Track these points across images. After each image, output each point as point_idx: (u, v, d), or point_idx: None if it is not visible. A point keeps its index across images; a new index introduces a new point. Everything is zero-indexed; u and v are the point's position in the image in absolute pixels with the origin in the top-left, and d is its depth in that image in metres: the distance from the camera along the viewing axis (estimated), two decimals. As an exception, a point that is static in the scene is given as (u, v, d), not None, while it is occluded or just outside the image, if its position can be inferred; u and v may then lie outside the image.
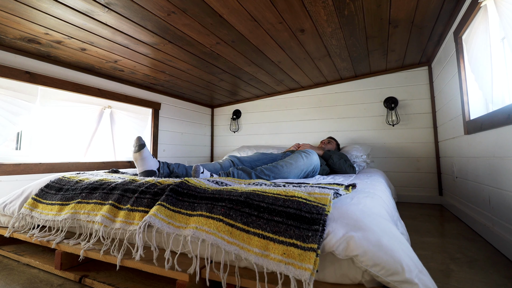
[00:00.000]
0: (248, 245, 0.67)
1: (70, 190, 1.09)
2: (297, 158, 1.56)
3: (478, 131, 1.41)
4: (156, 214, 0.80)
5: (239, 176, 1.33)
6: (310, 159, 1.59)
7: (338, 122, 2.84)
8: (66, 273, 0.90)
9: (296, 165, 1.51)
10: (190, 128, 3.21)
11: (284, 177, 1.46)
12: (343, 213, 0.69)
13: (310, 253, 0.59)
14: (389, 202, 1.03)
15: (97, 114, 2.25)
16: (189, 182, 0.94)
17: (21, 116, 1.73)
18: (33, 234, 1.03)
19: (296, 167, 1.51)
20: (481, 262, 1.05)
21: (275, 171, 1.44)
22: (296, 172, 1.51)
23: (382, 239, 0.59)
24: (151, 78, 2.39)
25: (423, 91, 2.50)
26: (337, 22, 1.64)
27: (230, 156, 1.74)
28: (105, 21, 1.45)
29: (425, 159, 2.45)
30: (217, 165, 1.56)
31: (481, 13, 1.31)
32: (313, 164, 1.61)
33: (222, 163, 1.60)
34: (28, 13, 1.33)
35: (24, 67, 1.73)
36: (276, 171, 1.44)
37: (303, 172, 1.56)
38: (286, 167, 1.48)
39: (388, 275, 0.55)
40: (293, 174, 1.50)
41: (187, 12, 1.43)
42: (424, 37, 1.94)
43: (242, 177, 1.34)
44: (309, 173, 1.61)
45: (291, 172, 1.48)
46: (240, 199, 0.77)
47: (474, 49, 1.40)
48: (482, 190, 1.41)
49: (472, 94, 1.57)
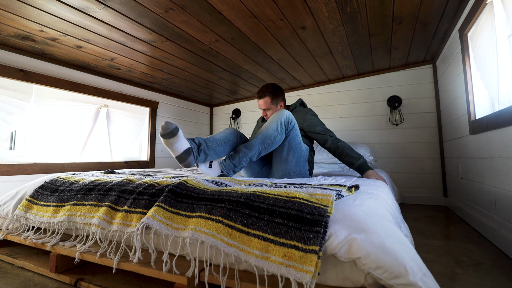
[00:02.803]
0: (248, 247, 0.66)
1: (66, 191, 1.07)
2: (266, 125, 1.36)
3: (484, 131, 1.39)
4: (154, 215, 0.79)
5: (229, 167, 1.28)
6: (277, 115, 1.34)
7: (340, 121, 2.81)
8: (61, 276, 0.89)
9: (266, 129, 1.33)
10: (189, 128, 3.19)
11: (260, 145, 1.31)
12: (346, 215, 0.68)
13: (311, 255, 0.58)
14: (393, 204, 1.01)
15: (93, 113, 2.22)
16: (187, 183, 0.93)
17: (15, 115, 1.71)
18: (27, 236, 1.01)
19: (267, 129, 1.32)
20: (487, 265, 1.04)
21: (250, 146, 1.29)
22: (271, 131, 1.31)
23: (385, 241, 0.58)
24: (148, 76, 2.37)
25: (427, 89, 2.47)
26: (339, 19, 1.62)
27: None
28: (102, 18, 1.43)
29: (429, 160, 2.43)
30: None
31: (487, 10, 1.30)
32: (284, 115, 1.35)
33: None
34: (22, 10, 1.31)
35: (18, 65, 1.71)
36: (250, 146, 1.29)
37: (279, 126, 1.34)
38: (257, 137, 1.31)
39: (391, 278, 0.54)
40: (269, 136, 1.32)
41: (185, 8, 1.40)
42: (429, 34, 1.91)
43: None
44: (287, 126, 1.37)
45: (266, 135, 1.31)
46: (240, 200, 0.76)
47: (479, 46, 1.37)
48: (487, 192, 1.39)
49: (478, 93, 1.55)
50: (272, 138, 1.36)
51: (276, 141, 1.37)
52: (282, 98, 1.63)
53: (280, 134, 1.37)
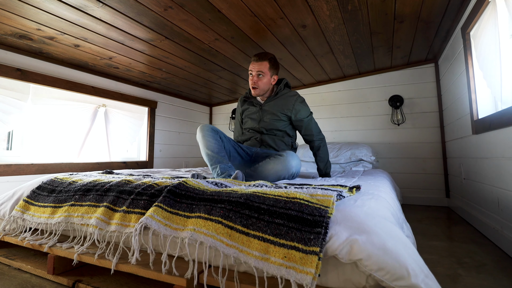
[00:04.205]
0: (248, 248, 0.66)
1: (63, 192, 1.06)
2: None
3: (487, 131, 1.38)
4: (153, 215, 0.78)
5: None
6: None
7: (341, 121, 2.80)
8: (59, 277, 0.88)
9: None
10: (188, 128, 3.18)
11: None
12: (347, 216, 0.67)
13: (312, 257, 0.58)
14: (394, 204, 1.00)
15: (91, 113, 2.21)
16: (187, 183, 0.92)
17: (12, 115, 1.70)
18: (24, 238, 1.00)
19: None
20: (489, 267, 1.03)
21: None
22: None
23: (387, 242, 0.58)
24: (147, 75, 2.36)
25: (429, 89, 2.46)
26: (340, 18, 1.60)
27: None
28: (100, 16, 1.41)
29: (431, 160, 2.41)
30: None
31: (489, 9, 1.29)
32: (291, 170, 1.35)
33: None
34: (19, 8, 1.29)
35: (15, 64, 1.70)
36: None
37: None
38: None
39: (393, 279, 0.53)
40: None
41: (184, 7, 1.39)
42: (431, 33, 1.89)
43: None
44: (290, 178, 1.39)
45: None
46: (240, 201, 0.75)
47: (482, 45, 1.36)
48: (490, 192, 1.38)
49: (480, 92, 1.54)
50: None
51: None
52: (278, 71, 1.57)
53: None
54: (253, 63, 1.49)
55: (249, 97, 1.68)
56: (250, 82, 1.52)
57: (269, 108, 1.57)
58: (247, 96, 1.69)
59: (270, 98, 1.58)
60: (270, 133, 1.58)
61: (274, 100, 1.57)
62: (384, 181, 1.46)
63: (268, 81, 1.52)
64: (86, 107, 2.17)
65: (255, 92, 1.52)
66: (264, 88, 1.52)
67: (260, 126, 1.59)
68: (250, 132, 1.65)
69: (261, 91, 1.52)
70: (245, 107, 1.68)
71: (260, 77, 1.49)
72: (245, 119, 1.69)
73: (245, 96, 1.70)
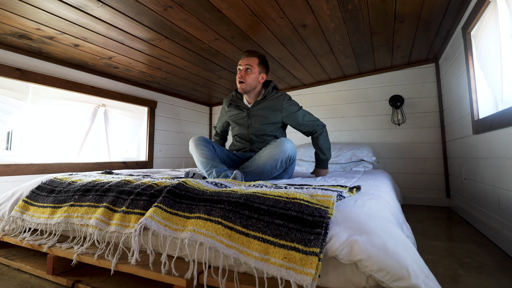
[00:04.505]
0: (248, 248, 0.66)
1: (63, 192, 1.06)
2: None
3: (487, 131, 1.38)
4: (153, 216, 0.78)
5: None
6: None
7: (341, 121, 2.79)
8: (59, 278, 0.88)
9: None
10: (188, 127, 3.17)
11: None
12: (347, 216, 0.67)
13: (312, 258, 0.58)
14: (395, 205, 1.00)
15: (90, 112, 2.21)
16: (187, 183, 0.92)
17: (12, 114, 1.70)
18: (24, 238, 1.00)
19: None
20: (490, 267, 1.03)
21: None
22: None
23: (387, 243, 0.58)
24: (146, 75, 2.35)
25: (430, 89, 2.45)
26: (341, 17, 1.60)
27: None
28: (99, 16, 1.41)
29: (432, 160, 2.41)
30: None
31: (490, 8, 1.29)
32: (287, 152, 1.31)
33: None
34: (19, 8, 1.29)
35: (14, 63, 1.69)
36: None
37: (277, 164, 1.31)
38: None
39: (393, 280, 0.53)
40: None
41: (184, 6, 1.39)
42: (431, 32, 1.89)
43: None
44: (287, 162, 1.35)
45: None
46: (239, 201, 0.75)
47: (483, 45, 1.36)
48: (491, 192, 1.37)
49: (481, 92, 1.53)
50: (269, 174, 1.32)
51: (272, 175, 1.35)
52: (267, 71, 1.53)
53: (278, 171, 1.34)
54: (242, 59, 1.47)
55: (235, 100, 1.59)
56: (237, 76, 1.45)
57: (257, 112, 1.50)
58: (233, 99, 1.60)
59: (258, 101, 1.51)
60: (260, 140, 1.53)
61: (263, 103, 1.49)
62: (384, 181, 1.46)
63: (256, 78, 1.46)
64: (85, 107, 2.16)
65: (242, 86, 1.44)
66: (251, 83, 1.45)
67: (249, 132, 1.53)
68: (239, 142, 1.59)
69: (248, 86, 1.44)
70: (231, 111, 1.60)
71: (248, 71, 1.43)
72: (232, 124, 1.63)
73: (231, 100, 1.61)
